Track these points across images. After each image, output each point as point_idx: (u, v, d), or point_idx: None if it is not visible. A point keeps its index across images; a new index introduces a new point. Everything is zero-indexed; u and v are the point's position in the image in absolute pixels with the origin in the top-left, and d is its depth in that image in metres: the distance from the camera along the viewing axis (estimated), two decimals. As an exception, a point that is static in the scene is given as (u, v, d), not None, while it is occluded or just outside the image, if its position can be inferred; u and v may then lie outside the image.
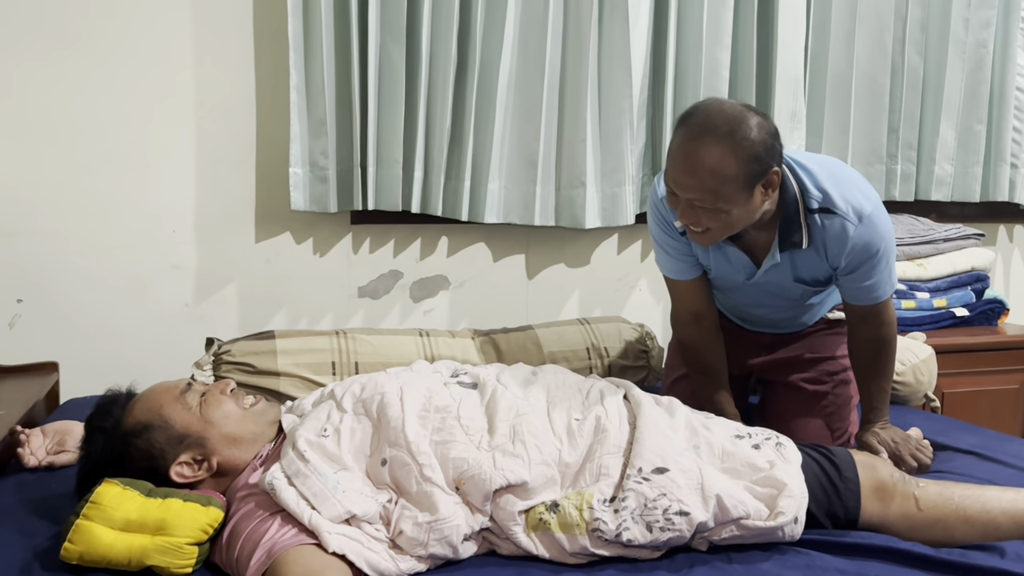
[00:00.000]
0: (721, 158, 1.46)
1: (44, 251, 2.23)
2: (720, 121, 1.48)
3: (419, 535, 1.29)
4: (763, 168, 1.50)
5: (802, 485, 1.38)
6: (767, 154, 1.50)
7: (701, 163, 1.47)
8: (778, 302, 1.85)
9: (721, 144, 1.46)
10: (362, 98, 2.31)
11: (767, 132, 1.50)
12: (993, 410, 2.63)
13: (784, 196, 1.61)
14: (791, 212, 1.62)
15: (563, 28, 2.46)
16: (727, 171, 1.47)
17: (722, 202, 1.50)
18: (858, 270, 1.66)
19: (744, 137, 1.47)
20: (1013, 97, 2.99)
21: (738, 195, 1.50)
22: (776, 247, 1.66)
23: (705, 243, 1.62)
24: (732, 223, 1.56)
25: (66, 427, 1.73)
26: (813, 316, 1.96)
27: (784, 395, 1.98)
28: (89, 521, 1.24)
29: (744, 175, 1.48)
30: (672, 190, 1.56)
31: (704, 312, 1.85)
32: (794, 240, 1.64)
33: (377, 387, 1.49)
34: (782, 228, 1.64)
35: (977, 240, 2.86)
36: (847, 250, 1.62)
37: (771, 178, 1.53)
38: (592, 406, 1.52)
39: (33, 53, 2.17)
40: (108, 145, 2.25)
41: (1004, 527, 1.39)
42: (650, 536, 1.31)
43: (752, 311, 1.94)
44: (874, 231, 1.62)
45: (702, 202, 1.51)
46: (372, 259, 2.52)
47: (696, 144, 1.48)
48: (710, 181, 1.48)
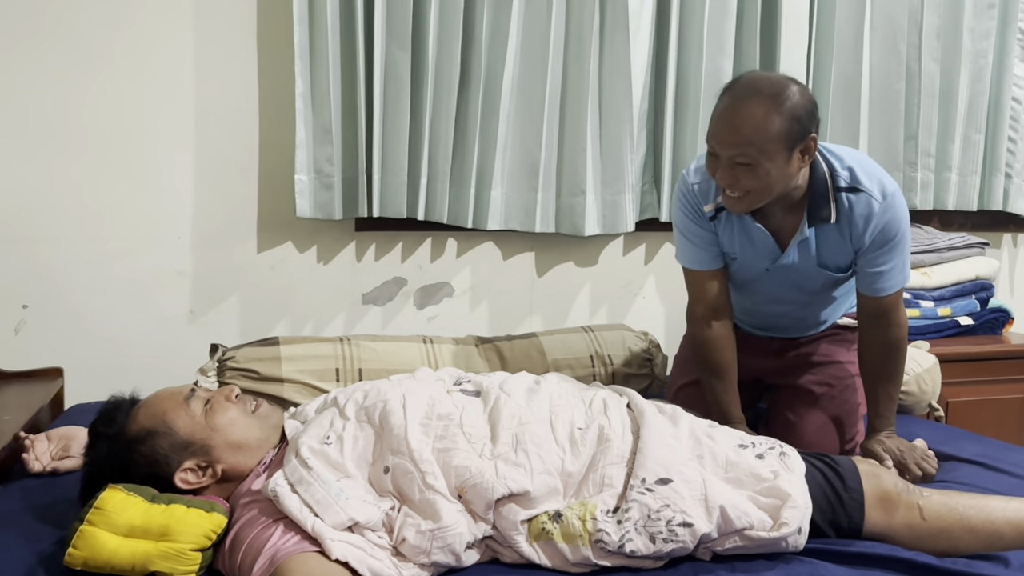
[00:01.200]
0: (766, 115, 1.55)
1: (49, 257, 2.24)
2: (765, 84, 1.59)
3: (422, 543, 1.29)
4: (803, 131, 1.59)
5: (806, 495, 1.38)
6: (808, 118, 1.59)
7: (746, 120, 1.56)
8: (796, 296, 1.88)
9: (766, 103, 1.56)
10: (367, 106, 2.31)
11: (808, 99, 1.60)
12: (998, 419, 2.62)
13: (814, 175, 1.70)
14: (820, 189, 1.70)
15: (564, 38, 2.47)
16: (771, 128, 1.55)
17: (763, 159, 1.57)
18: (879, 251, 1.72)
19: (787, 98, 1.56)
20: (1009, 107, 2.99)
21: (778, 154, 1.58)
22: (805, 222, 1.72)
23: (740, 210, 1.69)
24: (770, 185, 1.62)
25: (70, 433, 1.73)
26: (825, 318, 1.98)
27: (791, 399, 1.98)
28: (93, 527, 1.25)
29: (786, 134, 1.56)
30: (714, 151, 1.62)
31: (721, 308, 1.87)
32: (823, 215, 1.71)
33: (380, 394, 1.49)
34: (811, 204, 1.71)
35: (981, 249, 2.86)
36: (871, 227, 1.69)
37: (809, 144, 1.61)
38: (595, 415, 1.52)
39: (41, 63, 2.18)
40: (114, 152, 2.26)
41: (1008, 537, 1.39)
42: (653, 547, 1.31)
43: (767, 308, 1.95)
44: (896, 211, 1.70)
45: (744, 158, 1.58)
46: (376, 266, 2.52)
47: (742, 103, 1.57)
48: (754, 137, 1.56)
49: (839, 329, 2.01)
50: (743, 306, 1.98)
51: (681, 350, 2.17)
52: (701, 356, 1.90)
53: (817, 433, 1.90)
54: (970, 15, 2.87)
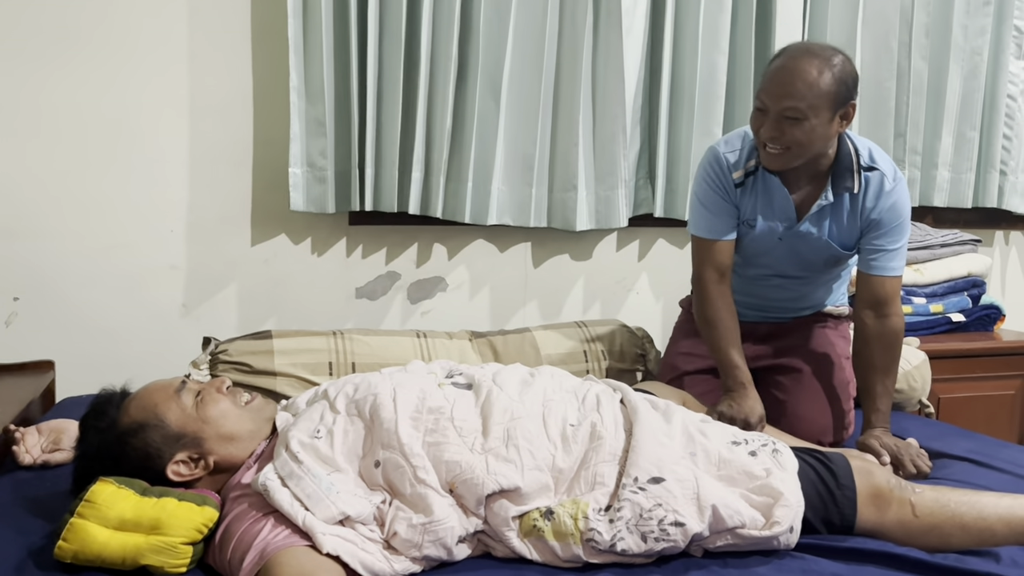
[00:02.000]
0: (820, 73, 1.68)
1: (41, 249, 2.23)
2: (817, 49, 1.74)
3: (413, 536, 1.29)
4: (848, 95, 1.72)
5: (798, 494, 1.38)
6: (852, 84, 1.74)
7: (801, 75, 1.68)
8: (797, 270, 1.97)
9: (819, 62, 1.69)
10: (360, 99, 2.31)
11: (853, 69, 1.75)
12: (989, 416, 2.64)
13: (840, 149, 1.83)
14: (846, 163, 1.83)
15: (558, 34, 2.47)
16: (823, 85, 1.68)
17: (812, 114, 1.69)
18: (886, 228, 1.84)
19: (838, 63, 1.71)
20: (1004, 104, 3.00)
21: (824, 112, 1.70)
22: (829, 189, 1.84)
23: (777, 165, 1.79)
24: (812, 141, 1.73)
25: (61, 425, 1.72)
26: (817, 300, 2.06)
27: (778, 374, 2.05)
28: (84, 520, 1.24)
29: (834, 94, 1.69)
30: (763, 106, 1.73)
31: (726, 271, 1.95)
32: (847, 185, 1.83)
33: (370, 388, 1.48)
34: (835, 176, 1.84)
35: (974, 246, 2.87)
36: (880, 204, 1.83)
37: (849, 110, 1.75)
38: (588, 412, 1.51)
39: (31, 53, 2.16)
40: (106, 144, 2.24)
41: (1000, 533, 1.40)
42: (644, 546, 1.31)
43: (766, 284, 2.02)
44: (903, 195, 1.85)
45: (793, 112, 1.69)
46: (370, 260, 2.51)
47: (797, 61, 1.70)
48: (807, 91, 1.68)
49: (825, 316, 2.09)
50: (742, 284, 2.03)
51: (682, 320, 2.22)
52: (707, 315, 1.95)
53: (805, 405, 1.95)
54: (962, 12, 2.88)
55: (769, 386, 2.03)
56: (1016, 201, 3.09)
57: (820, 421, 1.94)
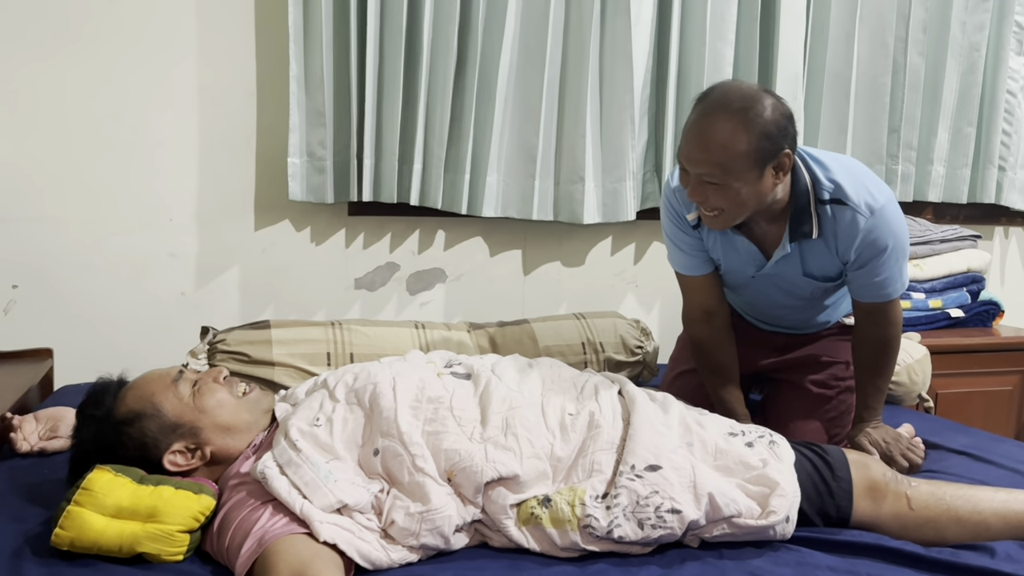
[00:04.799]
0: (733, 133, 1.48)
1: (40, 237, 2.23)
2: (735, 98, 1.51)
3: (411, 525, 1.29)
4: (775, 148, 1.52)
5: (794, 484, 1.38)
6: (779, 134, 1.51)
7: (712, 137, 1.49)
8: (789, 300, 1.85)
9: (733, 119, 1.49)
10: (360, 89, 2.30)
11: (781, 114, 1.52)
12: (987, 411, 2.64)
13: (796, 187, 1.62)
14: (802, 203, 1.63)
15: (564, 22, 2.45)
16: (738, 146, 1.49)
17: (731, 178, 1.51)
18: (867, 265, 1.66)
19: (757, 115, 1.49)
20: (1003, 100, 2.99)
21: (747, 173, 1.51)
22: (787, 237, 1.66)
23: (717, 227, 1.63)
24: (742, 203, 1.56)
25: (59, 413, 1.73)
26: (827, 319, 1.95)
27: (788, 394, 1.97)
28: (80, 507, 1.24)
29: (754, 152, 1.50)
30: (684, 167, 1.57)
31: (715, 310, 1.85)
32: (804, 230, 1.64)
33: (370, 377, 1.48)
34: (793, 218, 1.64)
35: (973, 242, 2.87)
36: (856, 243, 1.63)
37: (782, 160, 1.54)
38: (586, 401, 1.52)
39: (32, 40, 2.16)
40: (107, 132, 2.24)
41: (995, 527, 1.40)
42: (641, 533, 1.31)
43: (764, 308, 1.93)
44: (885, 226, 1.62)
45: (712, 177, 1.52)
46: (369, 251, 2.51)
47: (709, 119, 1.50)
48: (720, 155, 1.49)
49: (844, 328, 1.98)
50: (741, 304, 1.98)
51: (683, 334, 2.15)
52: (699, 358, 1.90)
53: (809, 433, 1.89)
54: (961, 8, 2.87)
55: (780, 404, 1.98)
56: (1015, 197, 3.08)
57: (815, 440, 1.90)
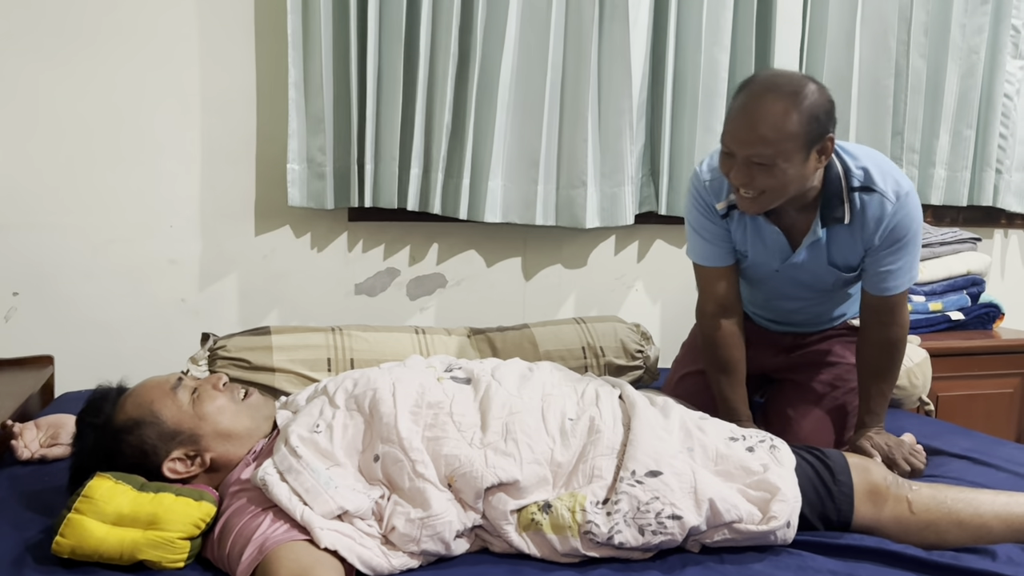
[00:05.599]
0: (784, 114, 1.52)
1: (41, 244, 2.23)
2: (783, 82, 1.56)
3: (411, 531, 1.29)
4: (821, 130, 1.56)
5: (795, 489, 1.38)
6: (826, 118, 1.56)
7: (764, 118, 1.53)
8: (807, 293, 1.87)
9: (784, 101, 1.52)
10: (360, 95, 2.30)
11: (826, 98, 1.57)
12: (988, 414, 2.64)
13: (828, 174, 1.68)
14: (834, 189, 1.68)
15: (564, 28, 2.46)
16: (789, 127, 1.52)
17: (781, 159, 1.55)
18: (888, 250, 1.71)
19: (806, 97, 1.53)
20: (1001, 103, 3.00)
21: (796, 154, 1.55)
22: (818, 222, 1.70)
23: (754, 210, 1.66)
24: (785, 184, 1.59)
25: (60, 420, 1.73)
26: (839, 314, 1.98)
27: (791, 393, 1.98)
28: (81, 515, 1.24)
29: (804, 134, 1.54)
30: (729, 151, 1.59)
31: (731, 305, 1.86)
32: (836, 216, 1.69)
33: (369, 383, 1.48)
34: (824, 205, 1.69)
35: (973, 244, 2.87)
36: (882, 228, 1.68)
37: (826, 144, 1.59)
38: (587, 406, 1.52)
39: (33, 48, 2.16)
40: (106, 139, 2.25)
41: (996, 531, 1.40)
42: (642, 539, 1.31)
43: (779, 303, 1.95)
44: (908, 212, 1.68)
45: (761, 158, 1.55)
46: (369, 256, 2.52)
47: (760, 101, 1.54)
48: (772, 135, 1.53)
49: (852, 329, 1.99)
50: (756, 301, 1.99)
51: (689, 338, 2.17)
52: (709, 353, 1.90)
53: (813, 430, 1.90)
54: (960, 11, 2.87)
55: (784, 403, 1.99)
56: (1011, 199, 3.09)
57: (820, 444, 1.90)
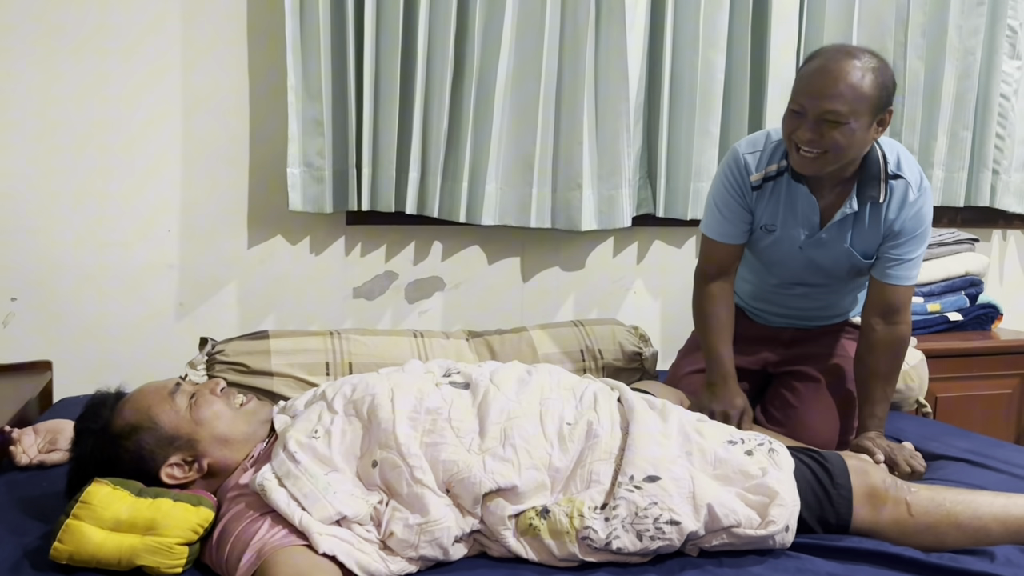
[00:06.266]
0: (863, 76, 1.64)
1: (39, 249, 2.23)
2: (858, 51, 1.68)
3: (410, 537, 1.29)
4: (887, 100, 1.68)
5: (794, 493, 1.38)
6: (892, 89, 1.70)
7: (844, 77, 1.63)
8: (820, 279, 1.94)
9: (864, 65, 1.65)
10: (358, 99, 2.31)
11: (892, 74, 1.71)
12: (986, 415, 2.64)
13: (868, 155, 1.77)
14: (873, 171, 1.78)
15: (560, 31, 2.46)
16: (866, 88, 1.64)
17: (853, 117, 1.64)
18: (906, 238, 1.80)
19: (879, 66, 1.67)
20: (997, 104, 3.00)
21: (865, 116, 1.66)
22: (854, 197, 1.79)
23: (812, 170, 1.73)
24: (850, 145, 1.68)
25: (58, 426, 1.73)
26: (842, 309, 2.05)
27: (793, 379, 2.03)
28: (79, 521, 1.24)
29: (876, 98, 1.65)
30: (801, 108, 1.68)
31: (729, 272, 1.96)
32: (872, 193, 1.78)
33: (368, 388, 1.48)
34: (860, 184, 1.79)
35: (971, 245, 2.87)
36: (903, 215, 1.78)
37: (886, 116, 1.70)
38: (584, 411, 1.51)
39: (27, 52, 2.16)
40: (103, 144, 2.24)
41: (995, 533, 1.40)
42: (640, 544, 1.31)
43: (789, 291, 2.00)
44: (927, 205, 1.81)
45: (835, 115, 1.64)
46: (367, 260, 2.52)
47: (840, 64, 1.65)
48: (850, 94, 1.63)
49: (853, 327, 2.06)
50: (765, 292, 2.04)
51: (689, 341, 2.22)
52: (704, 309, 1.96)
53: (815, 414, 1.93)
54: (957, 12, 2.87)
55: (784, 389, 2.03)
56: (1008, 200, 3.09)
57: (826, 434, 1.93)
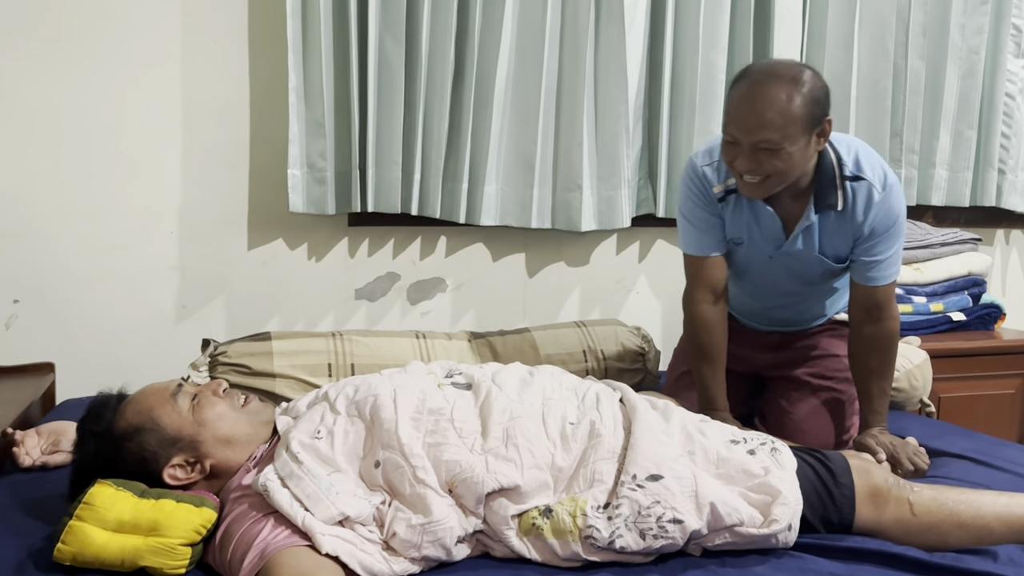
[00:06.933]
0: (788, 98, 1.58)
1: (41, 252, 2.23)
2: (782, 70, 1.62)
3: (412, 537, 1.29)
4: (821, 113, 1.63)
5: (796, 492, 1.38)
6: (825, 100, 1.64)
7: (770, 103, 1.58)
8: (795, 286, 1.90)
9: (787, 86, 1.59)
10: (361, 100, 2.31)
11: (823, 82, 1.64)
12: (990, 415, 2.63)
13: (821, 162, 1.73)
14: (828, 177, 1.73)
15: (560, 32, 2.46)
16: (794, 110, 1.58)
17: (787, 142, 1.60)
18: (875, 240, 1.75)
19: (806, 82, 1.60)
20: (1002, 103, 3.00)
21: (800, 137, 1.61)
22: (811, 207, 1.75)
23: (757, 195, 1.70)
24: (790, 168, 1.64)
25: (61, 427, 1.73)
26: (824, 311, 2.01)
27: (785, 385, 2.01)
28: (82, 522, 1.24)
29: (807, 116, 1.60)
30: (734, 139, 1.63)
31: (719, 293, 1.89)
32: (829, 202, 1.74)
33: (370, 389, 1.48)
34: (818, 192, 1.74)
35: (974, 245, 2.87)
36: (871, 216, 1.73)
37: (825, 127, 1.65)
38: (587, 410, 1.51)
39: (29, 55, 2.17)
40: (105, 146, 2.25)
41: (998, 532, 1.39)
42: (643, 543, 1.31)
43: (768, 299, 1.97)
44: (896, 201, 1.75)
45: (768, 143, 1.60)
46: (369, 261, 2.52)
47: (764, 88, 1.59)
48: (778, 120, 1.58)
49: (838, 324, 2.04)
50: (744, 299, 2.01)
51: (680, 342, 2.19)
52: (695, 339, 1.92)
53: (810, 420, 1.92)
54: (960, 11, 2.87)
55: (777, 396, 2.02)
56: (1015, 200, 3.09)
57: (821, 437, 1.92)
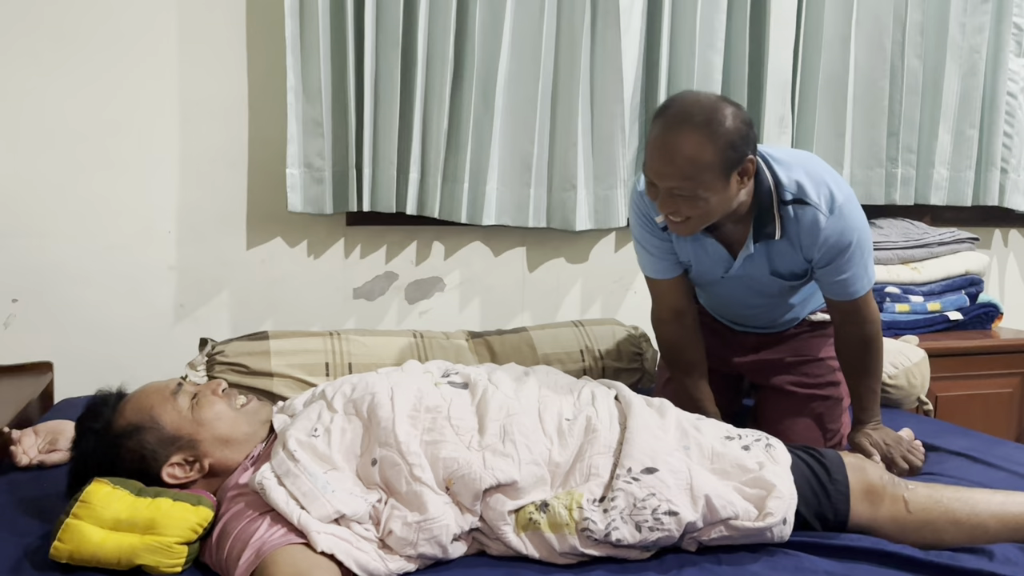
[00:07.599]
0: (699, 146, 1.50)
1: (39, 251, 2.23)
2: (696, 111, 1.52)
3: (408, 535, 1.29)
4: (739, 156, 1.54)
5: (791, 486, 1.38)
6: (742, 142, 1.54)
7: (680, 152, 1.51)
8: (758, 299, 1.86)
9: (698, 132, 1.50)
10: (358, 100, 2.31)
11: (742, 121, 1.54)
12: (986, 414, 2.64)
13: (759, 188, 1.65)
14: (765, 204, 1.65)
15: (556, 32, 2.47)
16: (705, 158, 1.51)
17: (701, 189, 1.53)
18: (832, 263, 1.68)
19: (720, 125, 1.51)
20: (1004, 102, 2.99)
21: (715, 182, 1.54)
22: (751, 238, 1.69)
23: (685, 233, 1.65)
24: (711, 211, 1.58)
25: (58, 426, 1.73)
26: (794, 317, 1.97)
27: (772, 398, 1.99)
28: (79, 520, 1.25)
29: (721, 162, 1.52)
30: (652, 181, 1.58)
31: (685, 310, 1.87)
32: (767, 231, 1.66)
33: (368, 387, 1.49)
34: (756, 220, 1.67)
35: (971, 244, 2.87)
36: (820, 241, 1.65)
37: (747, 166, 1.57)
38: (583, 407, 1.52)
39: (27, 55, 2.17)
40: (103, 146, 2.25)
41: (993, 530, 1.40)
42: (639, 536, 1.31)
43: (734, 310, 1.95)
44: (846, 223, 1.64)
45: (681, 191, 1.54)
46: (367, 261, 2.52)
47: (674, 134, 1.52)
48: (689, 169, 1.51)
49: (813, 325, 1.99)
50: (713, 304, 1.99)
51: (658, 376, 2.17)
52: (669, 357, 1.92)
53: (800, 435, 1.89)
54: (960, 10, 2.87)
55: (764, 404, 2.00)
56: (1018, 199, 3.08)
57: (809, 440, 1.89)
